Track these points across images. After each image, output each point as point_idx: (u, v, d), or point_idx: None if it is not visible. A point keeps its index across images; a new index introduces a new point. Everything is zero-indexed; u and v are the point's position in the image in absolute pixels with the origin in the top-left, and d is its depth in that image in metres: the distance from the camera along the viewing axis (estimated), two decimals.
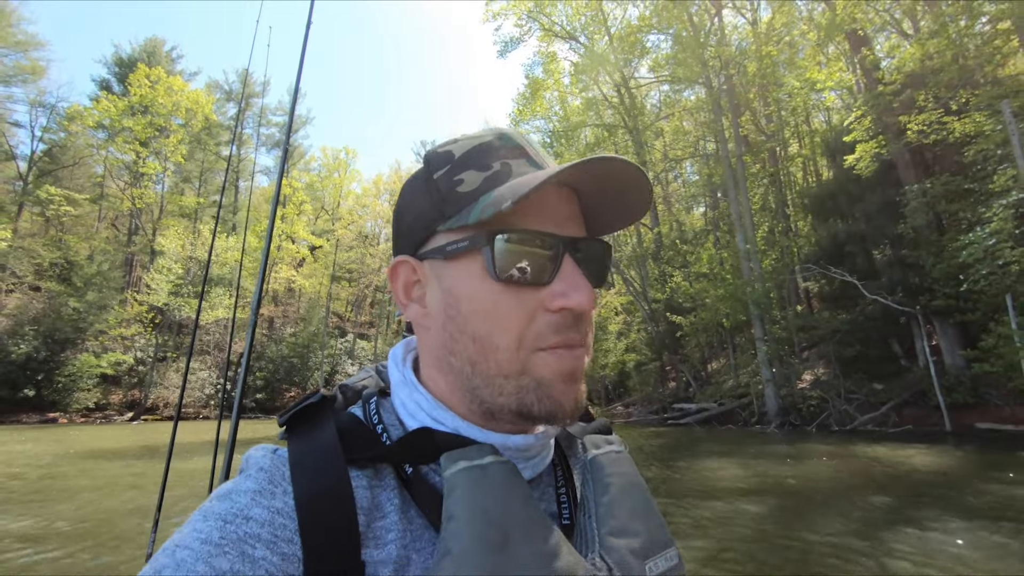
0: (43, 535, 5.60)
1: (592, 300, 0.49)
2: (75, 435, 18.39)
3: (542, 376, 0.48)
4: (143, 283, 33.01)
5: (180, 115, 36.96)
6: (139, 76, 34.55)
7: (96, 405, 28.40)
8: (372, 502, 0.47)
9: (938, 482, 7.31)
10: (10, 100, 36.92)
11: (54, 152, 37.71)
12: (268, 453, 0.48)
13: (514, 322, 0.49)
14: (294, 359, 37.11)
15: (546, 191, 0.51)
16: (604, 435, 0.63)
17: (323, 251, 44.05)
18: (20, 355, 26.53)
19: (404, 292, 0.56)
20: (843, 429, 14.12)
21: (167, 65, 41.35)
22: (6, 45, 35.91)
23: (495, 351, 0.49)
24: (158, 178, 37.83)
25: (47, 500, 7.35)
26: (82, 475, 9.49)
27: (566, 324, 0.49)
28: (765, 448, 11.69)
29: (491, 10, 23.23)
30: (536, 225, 0.49)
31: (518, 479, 0.47)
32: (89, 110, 34.63)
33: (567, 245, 0.50)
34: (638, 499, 0.55)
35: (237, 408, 1.69)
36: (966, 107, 11.68)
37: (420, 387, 0.54)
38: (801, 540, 4.95)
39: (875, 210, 15.23)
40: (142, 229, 37.13)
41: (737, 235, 17.92)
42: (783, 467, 9.09)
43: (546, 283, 0.49)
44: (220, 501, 0.43)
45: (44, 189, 32.87)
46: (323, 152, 47.51)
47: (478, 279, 0.50)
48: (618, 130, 25.17)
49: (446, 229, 0.51)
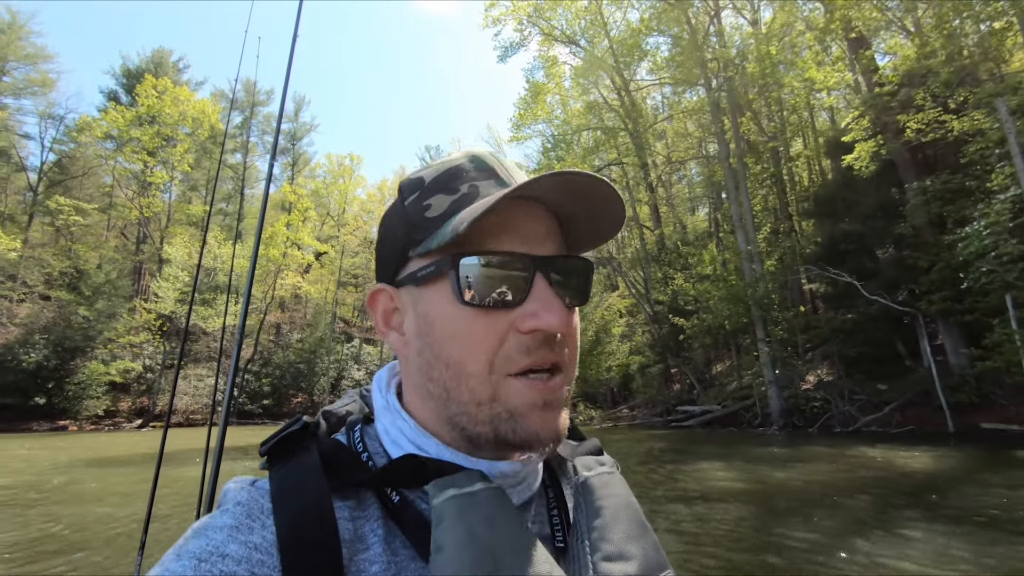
0: (38, 540, 5.70)
1: (564, 320, 0.48)
2: (84, 442, 18.60)
3: (515, 406, 0.48)
4: (151, 291, 33.36)
5: (187, 124, 37.39)
6: (146, 87, 34.97)
7: (105, 412, 28.68)
8: (355, 534, 0.46)
9: (921, 483, 7.31)
10: (20, 112, 37.57)
11: (64, 163, 38.27)
12: (245, 486, 0.48)
13: (483, 346, 0.48)
14: (301, 365, 37.37)
15: (516, 210, 0.50)
16: (595, 456, 0.63)
17: (329, 257, 44.35)
18: (31, 363, 26.87)
19: (383, 320, 0.57)
20: (845, 431, 14.10)
21: (174, 75, 41.90)
22: (16, 58, 36.53)
23: (467, 377, 0.48)
24: (165, 187, 38.27)
25: (42, 505, 7.46)
26: (78, 482, 9.61)
27: (537, 345, 0.48)
28: (760, 450, 11.69)
29: (490, 15, 23.42)
30: (505, 246, 0.49)
31: (508, 505, 0.46)
32: (97, 121, 35.09)
33: (539, 264, 0.49)
34: (632, 521, 0.53)
35: (225, 416, 1.68)
36: (965, 105, 11.72)
37: (403, 413, 0.54)
38: (774, 541, 4.98)
39: (875, 210, 15.23)
40: (150, 237, 37.55)
41: (738, 236, 17.96)
42: (772, 469, 9.12)
43: (518, 304, 0.48)
44: (195, 538, 0.41)
45: (54, 199, 33.38)
46: (328, 159, 47.82)
47: (448, 303, 0.49)
48: (618, 133, 25.27)
49: (416, 255, 0.52)
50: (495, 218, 0.49)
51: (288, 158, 49.99)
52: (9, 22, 36.03)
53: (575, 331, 0.53)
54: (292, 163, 50.12)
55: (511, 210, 0.50)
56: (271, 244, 35.02)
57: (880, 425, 13.94)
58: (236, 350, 1.76)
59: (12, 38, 35.97)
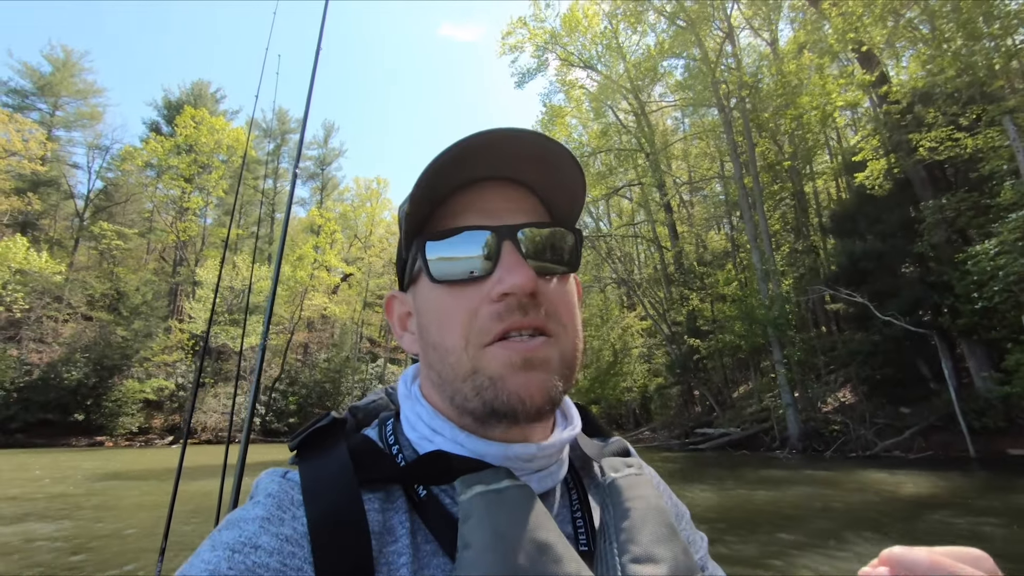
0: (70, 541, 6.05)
1: (530, 280, 0.48)
2: (119, 457, 19.35)
3: (494, 371, 0.48)
4: (185, 312, 34.70)
5: (222, 152, 39.16)
6: (185, 118, 36.86)
7: (139, 429, 29.76)
8: (384, 526, 0.47)
9: (898, 508, 7.19)
10: (71, 144, 40.11)
11: (109, 190, 40.47)
12: (277, 478, 0.49)
13: (457, 320, 0.50)
14: (327, 384, 38.12)
15: (484, 190, 0.53)
16: (623, 457, 0.62)
17: (355, 278, 45.36)
18: (72, 381, 28.21)
19: (400, 325, 0.60)
20: (861, 455, 13.65)
21: (211, 106, 44.03)
22: (68, 94, 39.09)
23: (448, 354, 0.50)
24: (201, 212, 40.00)
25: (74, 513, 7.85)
26: (107, 493, 10.06)
27: (509, 310, 0.48)
28: (760, 473, 11.49)
29: (507, 43, 23.99)
30: (468, 222, 0.52)
31: (535, 503, 0.46)
32: (139, 150, 37.12)
33: (504, 233, 0.50)
34: (660, 524, 0.51)
35: (247, 431, 1.74)
36: (978, 123, 11.48)
37: (422, 400, 0.56)
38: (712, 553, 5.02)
39: (895, 228, 14.90)
40: (186, 260, 39.18)
41: (753, 255, 17.75)
42: (756, 491, 9.03)
43: (488, 276, 0.50)
44: (228, 530, 0.42)
45: (98, 225, 35.30)
46: (356, 182, 49.27)
47: (428, 288, 0.52)
48: (636, 154, 25.38)
49: (406, 255, 0.56)
50: (463, 200, 0.53)
51: (317, 183, 51.62)
52: (63, 60, 38.69)
53: (563, 297, 0.53)
54: (321, 187, 51.72)
55: (480, 191, 0.53)
56: (299, 266, 36.13)
57: (902, 450, 13.44)
58: (258, 369, 1.83)
59: (66, 75, 38.60)
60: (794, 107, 17.63)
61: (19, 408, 26.58)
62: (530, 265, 0.50)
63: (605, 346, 25.08)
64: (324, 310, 38.93)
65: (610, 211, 37.03)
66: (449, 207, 0.53)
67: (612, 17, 24.28)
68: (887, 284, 15.14)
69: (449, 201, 0.53)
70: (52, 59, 38.17)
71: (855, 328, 17.16)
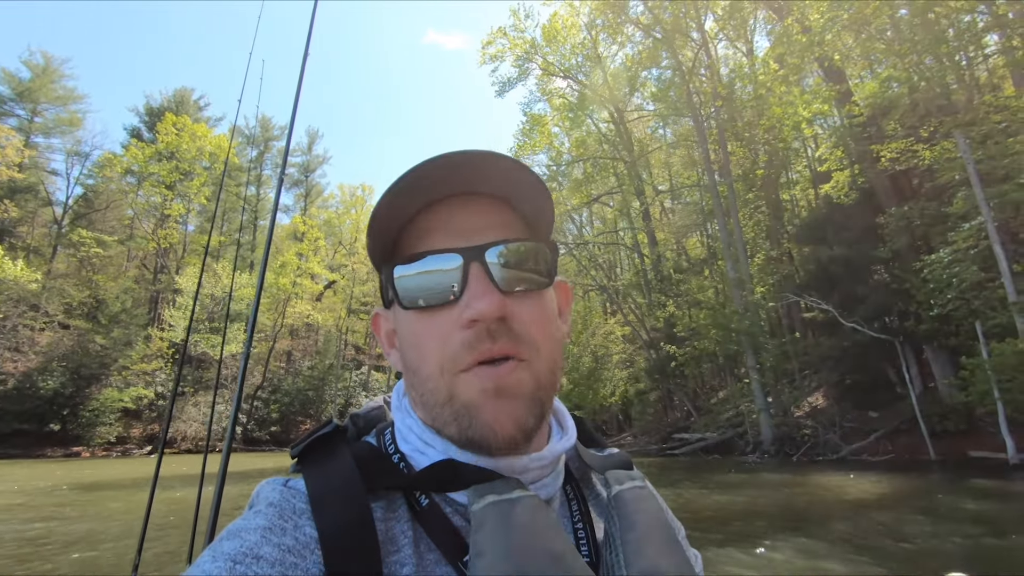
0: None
1: (497, 306, 0.47)
2: (95, 467, 19.08)
3: (468, 399, 0.47)
4: (165, 320, 34.37)
5: (204, 159, 38.93)
6: (166, 124, 36.67)
7: (117, 439, 29.34)
8: (386, 535, 0.46)
9: (831, 508, 7.49)
10: (49, 150, 39.62)
11: (89, 197, 40.03)
12: (278, 487, 0.48)
13: (430, 347, 0.49)
14: (309, 392, 37.87)
15: (450, 206, 0.51)
16: (626, 470, 0.62)
17: (339, 285, 45.19)
18: (48, 390, 27.76)
19: (387, 341, 0.59)
20: (827, 459, 13.95)
21: (194, 113, 43.80)
22: (48, 100, 38.67)
23: (425, 380, 0.49)
24: (183, 219, 39.73)
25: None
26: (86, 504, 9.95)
27: (479, 338, 0.47)
28: (722, 478, 11.74)
29: (487, 53, 24.23)
30: (435, 243, 0.50)
31: (547, 513, 0.46)
32: (119, 157, 36.84)
33: (471, 254, 0.49)
34: (665, 536, 0.52)
35: (228, 439, 1.71)
36: (935, 135, 11.88)
37: (412, 413, 0.55)
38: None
39: (861, 235, 15.27)
40: (167, 268, 38.83)
41: (727, 263, 18.05)
42: (706, 495, 9.29)
43: (458, 299, 0.48)
44: (229, 540, 0.42)
45: (76, 232, 34.88)
46: (340, 189, 49.19)
47: (401, 313, 0.52)
48: (616, 163, 25.69)
49: (381, 277, 0.55)
50: (436, 218, 0.51)
51: (301, 189, 51.45)
52: (43, 67, 38.31)
53: (536, 316, 0.51)
54: (305, 194, 51.55)
55: (445, 208, 0.51)
56: (282, 273, 35.97)
57: (869, 454, 13.74)
58: (241, 376, 1.80)
59: (45, 81, 38.20)
60: (766, 118, 18.02)
61: None
62: (501, 285, 0.49)
63: (585, 352, 25.25)
64: (307, 317, 38.76)
65: (593, 219, 37.36)
66: (416, 226, 0.51)
67: (592, 27, 24.65)
68: (855, 290, 15.51)
69: (417, 219, 0.52)
70: (31, 65, 37.79)
71: (826, 334, 17.52)
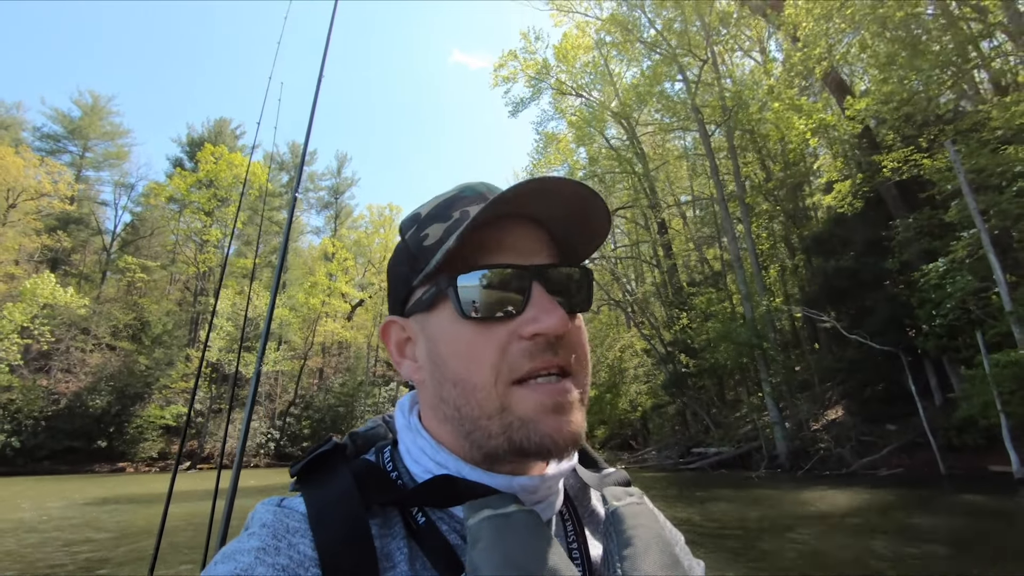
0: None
1: (564, 322, 0.49)
2: (138, 482, 20.20)
3: (525, 411, 0.48)
4: (199, 340, 36.03)
5: (239, 186, 40.85)
6: (205, 154, 38.77)
7: (159, 454, 30.90)
8: (382, 551, 0.47)
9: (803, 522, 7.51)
10: (99, 183, 42.47)
11: (135, 224, 42.56)
12: (272, 507, 0.49)
13: (487, 357, 0.49)
14: (340, 408, 38.94)
15: (508, 228, 0.53)
16: (623, 487, 0.62)
17: (369, 303, 46.37)
18: (96, 409, 29.58)
19: (397, 350, 0.58)
20: (836, 473, 13.67)
21: (231, 142, 46.09)
22: (96, 136, 41.51)
23: (474, 391, 0.49)
24: (220, 243, 41.73)
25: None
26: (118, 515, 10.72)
27: (540, 349, 0.49)
28: (718, 492, 11.75)
29: (499, 75, 24.85)
30: (500, 260, 0.51)
31: (543, 528, 0.46)
32: (163, 186, 39.13)
33: (535, 273, 0.51)
34: (663, 552, 0.51)
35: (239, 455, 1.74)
36: (933, 144, 11.76)
37: (424, 432, 0.55)
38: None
39: (867, 246, 15.04)
40: (205, 291, 40.75)
41: (737, 275, 17.97)
42: (692, 509, 9.34)
43: (519, 313, 0.50)
44: (223, 563, 0.42)
45: (123, 259, 37.16)
46: (369, 210, 50.70)
47: (450, 322, 0.51)
48: (630, 176, 25.86)
49: (419, 283, 0.54)
50: (488, 236, 0.52)
51: (332, 211, 53.19)
52: (91, 105, 41.19)
53: (581, 337, 0.54)
54: (335, 215, 53.25)
55: (504, 228, 0.53)
56: (312, 293, 37.26)
57: (888, 467, 13.39)
58: (251, 394, 1.84)
59: (94, 119, 41.08)
60: (775, 129, 17.96)
61: (46, 436, 27.98)
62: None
63: (602, 366, 25.28)
64: (337, 335, 39.95)
65: (614, 232, 37.42)
66: (474, 242, 0.52)
67: (601, 45, 25.04)
68: (864, 302, 15.25)
69: (474, 235, 0.51)
70: (81, 104, 40.69)
71: (840, 346, 17.21)
